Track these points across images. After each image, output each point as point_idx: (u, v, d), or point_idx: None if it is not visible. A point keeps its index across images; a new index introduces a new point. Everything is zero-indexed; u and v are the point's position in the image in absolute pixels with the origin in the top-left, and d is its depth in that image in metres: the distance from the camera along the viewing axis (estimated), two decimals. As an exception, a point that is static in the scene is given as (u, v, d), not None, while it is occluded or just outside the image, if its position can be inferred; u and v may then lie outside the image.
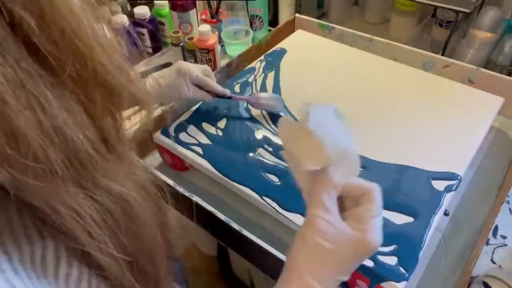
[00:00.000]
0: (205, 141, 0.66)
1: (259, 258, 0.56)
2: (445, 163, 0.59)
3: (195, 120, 0.70)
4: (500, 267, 0.57)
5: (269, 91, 0.75)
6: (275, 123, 0.69)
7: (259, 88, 0.76)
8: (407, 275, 0.47)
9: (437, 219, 0.53)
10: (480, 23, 0.85)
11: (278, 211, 0.55)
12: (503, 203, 0.58)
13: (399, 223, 0.53)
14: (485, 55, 0.86)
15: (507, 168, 0.67)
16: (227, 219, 0.55)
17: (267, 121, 0.69)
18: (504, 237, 0.60)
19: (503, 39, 0.84)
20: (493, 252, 0.58)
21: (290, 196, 0.56)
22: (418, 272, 0.54)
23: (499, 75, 0.74)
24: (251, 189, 0.58)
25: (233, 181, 0.60)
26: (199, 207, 0.57)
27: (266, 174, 0.60)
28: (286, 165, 0.60)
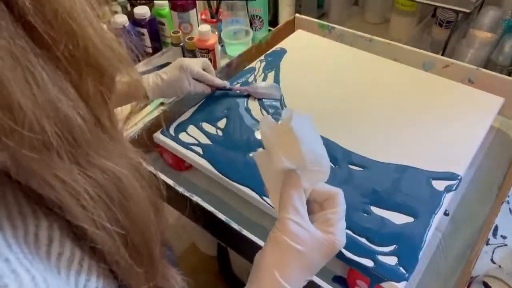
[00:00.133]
0: (205, 141, 0.66)
1: (259, 258, 0.56)
2: (445, 163, 0.59)
3: (195, 120, 0.70)
4: (500, 267, 0.57)
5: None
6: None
7: (259, 88, 0.76)
8: (407, 275, 0.47)
9: (437, 219, 0.53)
10: (480, 23, 0.85)
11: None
12: (503, 203, 0.58)
13: (399, 223, 0.53)
14: (485, 55, 0.86)
15: (507, 168, 0.67)
16: (227, 219, 0.55)
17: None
18: (504, 237, 0.60)
19: (503, 39, 0.84)
20: (493, 252, 0.58)
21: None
22: (418, 272, 0.54)
23: (499, 75, 0.74)
24: (251, 189, 0.58)
25: (233, 181, 0.59)
26: (199, 207, 0.57)
27: (266, 174, 0.60)
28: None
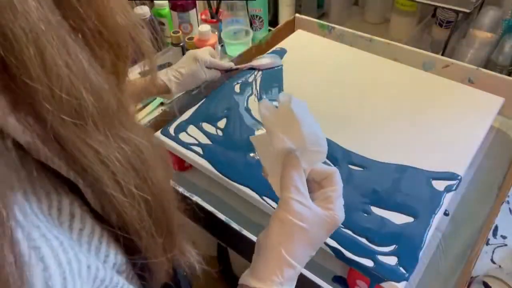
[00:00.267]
0: (205, 141, 0.66)
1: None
2: (445, 163, 0.59)
3: (195, 120, 0.70)
4: (500, 267, 0.57)
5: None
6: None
7: (259, 88, 0.76)
8: (407, 275, 0.47)
9: (437, 219, 0.53)
10: (480, 23, 0.85)
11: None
12: (503, 203, 0.58)
13: (399, 223, 0.53)
14: (485, 55, 0.86)
15: (507, 168, 0.67)
16: (227, 219, 0.55)
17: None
18: (504, 237, 0.60)
19: (503, 39, 0.84)
20: (493, 252, 0.58)
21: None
22: (418, 272, 0.54)
23: (499, 75, 0.74)
24: (251, 189, 0.58)
25: (233, 181, 0.59)
26: (199, 207, 0.57)
27: (266, 174, 0.60)
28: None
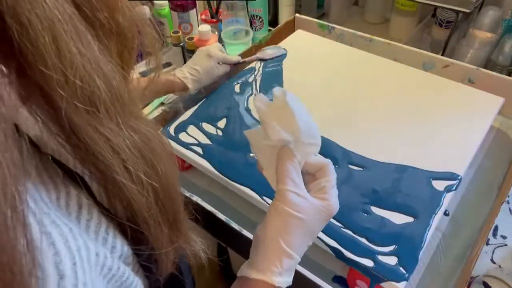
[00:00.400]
0: (205, 141, 0.66)
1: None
2: (445, 163, 0.59)
3: (195, 120, 0.70)
4: (500, 267, 0.57)
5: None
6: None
7: (259, 88, 0.76)
8: (407, 275, 0.47)
9: (437, 219, 0.53)
10: (480, 23, 0.85)
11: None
12: (503, 203, 0.58)
13: (399, 223, 0.53)
14: (485, 55, 0.86)
15: (507, 168, 0.67)
16: (227, 219, 0.55)
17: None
18: (504, 237, 0.60)
19: (503, 39, 0.84)
20: (493, 252, 0.58)
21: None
22: (418, 272, 0.54)
23: (499, 75, 0.74)
24: (251, 189, 0.58)
25: (233, 181, 0.59)
26: (199, 207, 0.57)
27: (266, 174, 0.60)
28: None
